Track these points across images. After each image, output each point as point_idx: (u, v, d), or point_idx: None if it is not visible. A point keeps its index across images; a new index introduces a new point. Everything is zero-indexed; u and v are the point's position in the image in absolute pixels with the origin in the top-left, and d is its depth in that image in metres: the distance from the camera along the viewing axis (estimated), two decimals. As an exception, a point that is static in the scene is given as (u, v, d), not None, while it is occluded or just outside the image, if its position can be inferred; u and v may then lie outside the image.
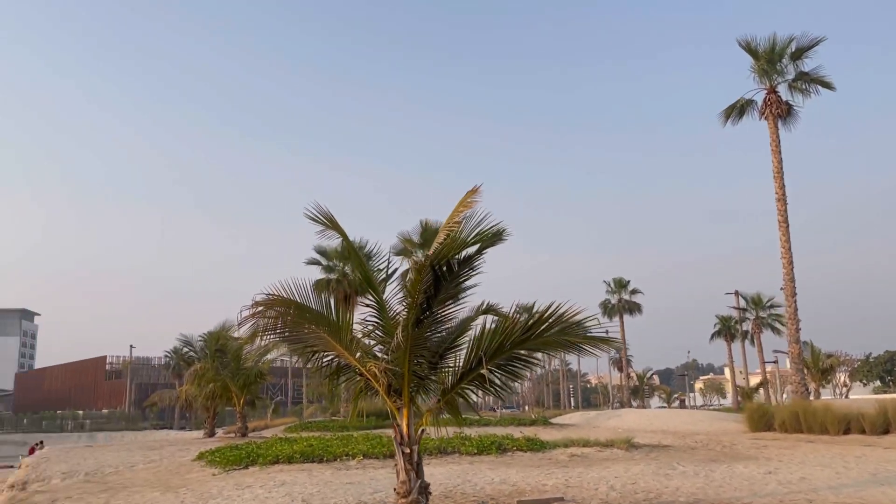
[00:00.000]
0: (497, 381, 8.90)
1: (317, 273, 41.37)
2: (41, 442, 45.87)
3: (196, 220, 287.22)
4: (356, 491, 11.50)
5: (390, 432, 25.09)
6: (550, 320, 8.33)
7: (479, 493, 11.15)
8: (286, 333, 8.95)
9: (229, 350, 28.00)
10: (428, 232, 36.81)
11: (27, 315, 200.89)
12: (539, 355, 10.09)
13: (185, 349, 78.89)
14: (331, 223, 8.97)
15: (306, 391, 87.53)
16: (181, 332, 43.96)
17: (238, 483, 12.72)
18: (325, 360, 8.94)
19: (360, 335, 8.86)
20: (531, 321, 8.38)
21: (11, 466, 44.38)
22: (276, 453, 14.99)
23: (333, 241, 8.81)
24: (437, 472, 13.26)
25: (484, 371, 8.31)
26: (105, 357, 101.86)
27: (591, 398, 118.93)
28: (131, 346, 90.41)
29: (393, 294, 9.18)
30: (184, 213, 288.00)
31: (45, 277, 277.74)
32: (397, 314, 9.08)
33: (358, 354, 8.51)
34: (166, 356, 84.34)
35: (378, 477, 12.96)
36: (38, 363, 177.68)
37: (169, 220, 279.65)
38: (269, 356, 30.36)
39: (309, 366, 9.27)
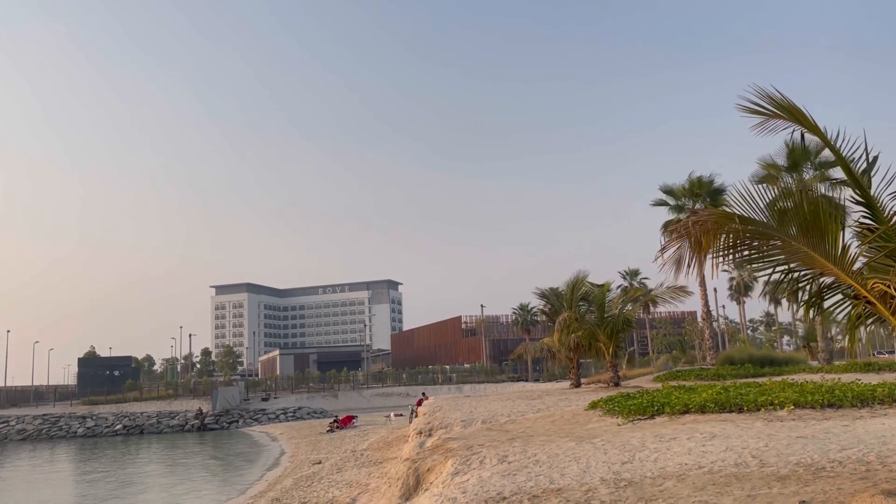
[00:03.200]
0: None
1: (664, 215, 38.84)
2: (424, 393, 50.95)
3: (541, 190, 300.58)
4: (817, 447, 9.32)
5: (764, 380, 21.88)
6: None
7: None
8: (738, 252, 7.19)
9: (593, 298, 27.21)
10: (796, 153, 31.74)
11: (392, 285, 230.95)
12: None
13: (533, 306, 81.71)
14: (784, 110, 6.85)
15: (653, 341, 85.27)
16: (535, 285, 44.95)
17: (657, 434, 11.37)
18: (802, 280, 6.93)
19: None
20: None
21: (401, 414, 50.33)
22: (684, 402, 13.39)
23: (774, 140, 6.28)
24: (911, 426, 10.41)
25: None
26: (460, 317, 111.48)
27: None
28: (482, 306, 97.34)
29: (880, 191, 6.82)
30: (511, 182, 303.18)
31: (403, 251, 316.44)
32: (892, 212, 6.71)
33: (854, 270, 6.37)
34: (514, 312, 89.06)
35: (833, 430, 10.55)
36: (405, 325, 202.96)
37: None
38: (629, 305, 29.02)
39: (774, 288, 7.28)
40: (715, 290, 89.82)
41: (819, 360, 34.85)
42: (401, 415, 49.88)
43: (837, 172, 32.78)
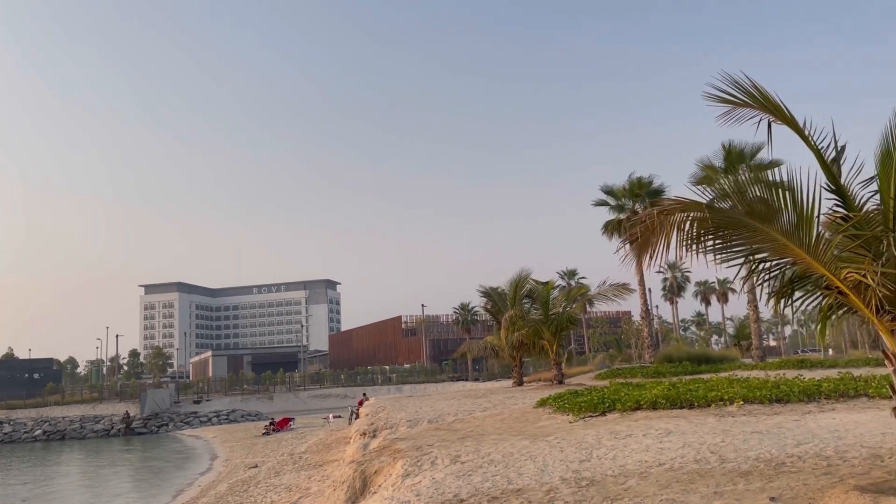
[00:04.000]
0: None
1: (605, 215, 39.24)
2: (365, 394, 50.26)
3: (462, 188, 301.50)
4: (773, 442, 9.26)
5: (708, 376, 22.24)
6: None
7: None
8: (706, 241, 6.97)
9: (538, 295, 27.14)
10: (732, 155, 32.48)
11: (331, 284, 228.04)
12: None
13: (473, 305, 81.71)
14: (754, 99, 6.63)
15: (590, 340, 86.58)
16: (480, 283, 44.16)
17: (612, 431, 11.18)
18: (772, 269, 6.74)
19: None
20: None
21: (340, 416, 49.48)
22: (635, 398, 13.28)
23: (741, 131, 6.11)
24: (861, 419, 10.50)
25: None
26: (400, 317, 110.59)
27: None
28: (423, 306, 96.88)
29: (850, 179, 6.71)
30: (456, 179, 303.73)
31: (342, 251, 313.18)
32: (862, 201, 6.60)
33: (826, 259, 6.20)
34: (455, 312, 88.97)
35: (785, 425, 10.56)
36: (343, 326, 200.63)
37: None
38: (574, 303, 29.08)
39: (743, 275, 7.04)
40: (649, 290, 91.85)
41: (753, 358, 35.86)
42: (339, 416, 49.03)
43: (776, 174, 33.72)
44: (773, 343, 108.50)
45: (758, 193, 6.47)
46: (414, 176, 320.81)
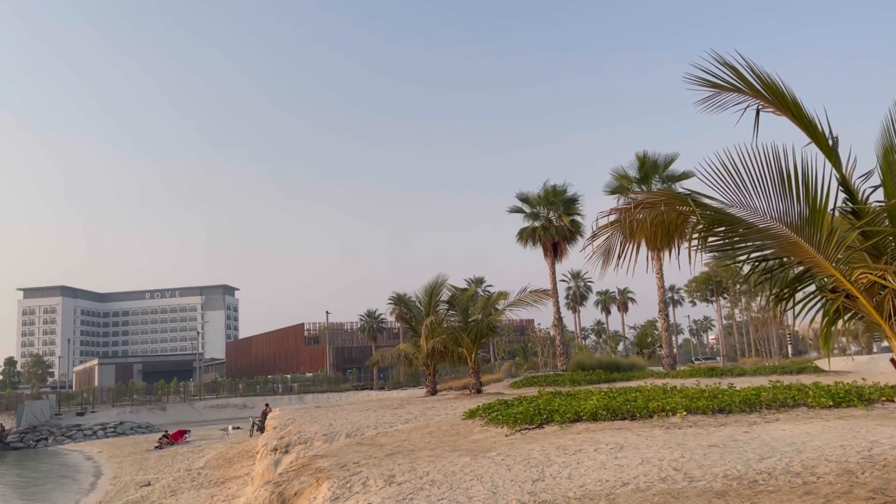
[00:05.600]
0: None
1: (520, 222, 38.98)
2: (268, 404, 48.12)
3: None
4: (735, 457, 8.72)
5: (632, 384, 22.11)
6: None
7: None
8: (695, 239, 6.25)
9: (457, 301, 26.32)
10: (647, 166, 32.92)
11: (229, 290, 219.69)
12: None
13: (380, 312, 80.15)
14: (747, 83, 5.97)
15: (496, 348, 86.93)
16: (393, 290, 42.68)
17: (559, 446, 10.39)
18: (774, 270, 6.07)
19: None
20: None
21: (239, 427, 47.03)
22: (574, 409, 12.58)
23: (724, 116, 5.53)
24: (812, 431, 10.17)
25: None
26: (303, 324, 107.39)
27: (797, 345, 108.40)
28: (327, 313, 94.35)
29: (849, 172, 6.15)
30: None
31: (241, 257, 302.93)
32: (865, 196, 6.05)
33: (837, 260, 5.57)
34: (361, 319, 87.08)
35: (737, 437, 10.09)
36: (242, 333, 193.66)
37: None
38: (495, 308, 28.45)
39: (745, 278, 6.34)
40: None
41: (663, 366, 36.50)
42: (238, 427, 46.72)
43: (689, 184, 34.55)
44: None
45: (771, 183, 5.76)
46: (315, 182, 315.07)
